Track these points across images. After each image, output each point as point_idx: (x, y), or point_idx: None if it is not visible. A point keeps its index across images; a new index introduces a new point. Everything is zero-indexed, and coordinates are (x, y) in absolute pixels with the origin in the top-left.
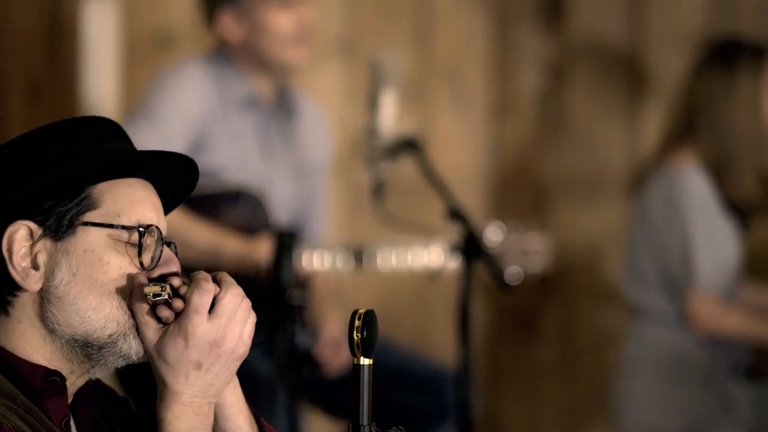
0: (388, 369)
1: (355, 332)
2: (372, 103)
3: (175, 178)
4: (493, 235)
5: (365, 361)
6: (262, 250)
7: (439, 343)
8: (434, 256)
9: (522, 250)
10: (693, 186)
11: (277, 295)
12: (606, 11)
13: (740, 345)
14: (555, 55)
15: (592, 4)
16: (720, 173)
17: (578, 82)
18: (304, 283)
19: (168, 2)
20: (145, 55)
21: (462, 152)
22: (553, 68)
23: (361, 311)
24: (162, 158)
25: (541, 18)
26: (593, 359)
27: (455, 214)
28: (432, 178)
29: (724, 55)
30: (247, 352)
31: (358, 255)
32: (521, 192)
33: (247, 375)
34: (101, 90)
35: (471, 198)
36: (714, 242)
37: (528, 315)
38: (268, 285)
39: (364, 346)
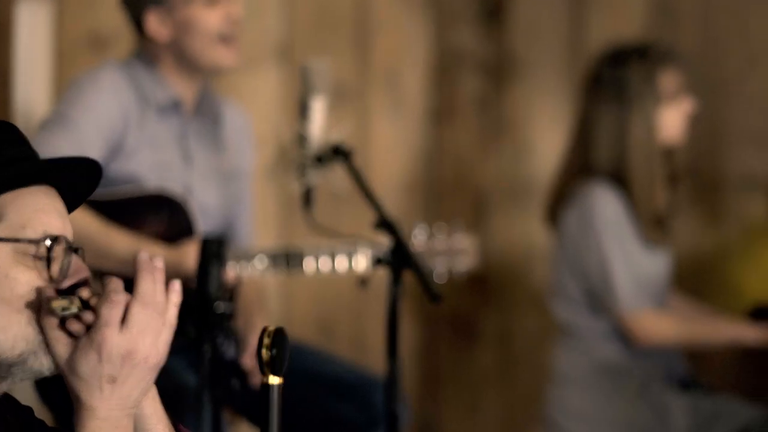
0: (318, 377)
1: (264, 350)
2: (302, 110)
3: (78, 181)
4: (419, 236)
5: (275, 380)
6: (187, 257)
7: (375, 351)
8: (363, 264)
9: (448, 251)
10: (602, 203)
11: (203, 304)
12: (546, 16)
13: (675, 354)
14: (494, 60)
15: (532, 8)
16: (624, 186)
17: (518, 87)
18: (231, 291)
19: (102, 4)
20: (79, 58)
21: (400, 158)
22: (493, 73)
23: (270, 329)
24: (66, 164)
25: (480, 22)
26: (532, 365)
27: (383, 223)
28: (361, 185)
29: (613, 78)
30: (163, 361)
31: (286, 261)
32: (460, 197)
33: (173, 385)
34: (33, 93)
35: (409, 204)
36: (629, 256)
37: (466, 321)
38: (194, 294)
39: (274, 365)
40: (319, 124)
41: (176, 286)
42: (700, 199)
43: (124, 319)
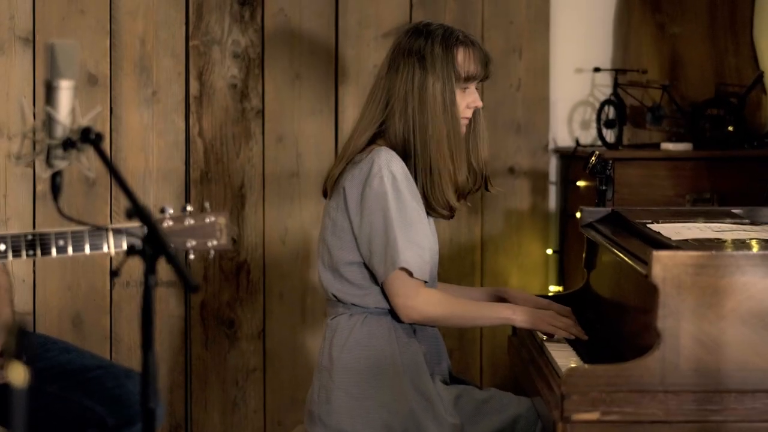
0: (69, 374)
1: (6, 347)
2: (48, 93)
3: None
4: (169, 220)
5: (18, 377)
6: None
7: (130, 345)
8: (114, 253)
9: (200, 231)
10: (392, 163)
11: None
12: (303, 0)
13: (441, 349)
14: (252, 46)
15: None
16: (417, 172)
17: (277, 74)
18: None
19: None
20: None
21: (157, 146)
22: (250, 60)
23: (12, 324)
24: None
25: (234, 9)
26: (293, 360)
27: (134, 211)
28: (111, 171)
29: (414, 48)
30: None
31: (29, 245)
32: (220, 186)
33: None
34: None
35: (168, 193)
36: (409, 222)
37: (229, 314)
38: None
39: (17, 360)
40: (66, 108)
41: None
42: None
43: None
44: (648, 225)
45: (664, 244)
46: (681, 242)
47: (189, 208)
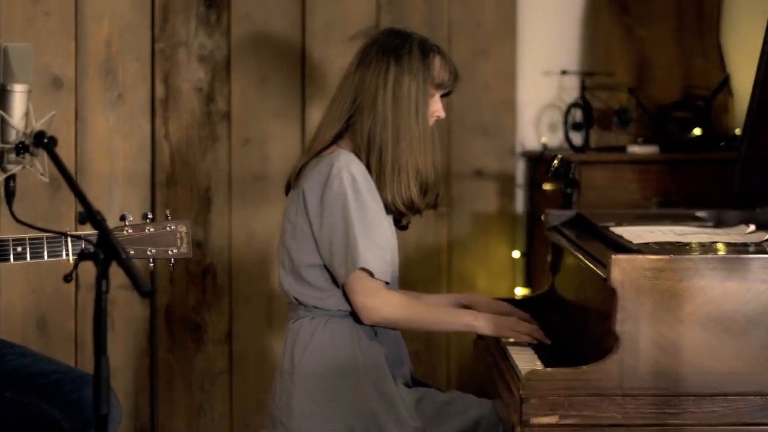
0: (25, 378)
1: None
2: (1, 98)
3: None
4: (129, 228)
5: None
6: None
7: (92, 351)
8: (69, 257)
9: (161, 239)
10: (351, 165)
11: None
12: (269, 4)
13: (401, 352)
14: (218, 49)
15: None
16: (379, 174)
17: (243, 76)
18: None
19: None
20: None
21: (122, 150)
22: (216, 62)
23: None
24: None
25: (202, 10)
26: (259, 364)
27: (86, 216)
28: (64, 175)
29: (391, 47)
30: None
31: None
32: (186, 189)
33: None
34: None
35: (134, 196)
36: (369, 224)
37: (195, 319)
38: None
39: None
40: (20, 112)
41: None
42: None
43: None
44: (611, 228)
45: (624, 247)
46: (641, 246)
47: (149, 216)
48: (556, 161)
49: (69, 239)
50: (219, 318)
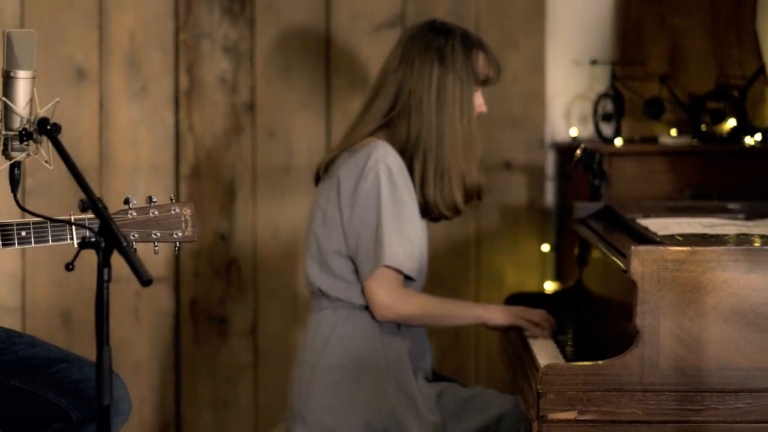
0: (34, 368)
1: None
2: (4, 82)
3: None
4: (133, 211)
5: None
6: None
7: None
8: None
9: (165, 223)
10: (389, 157)
11: None
12: None
13: (423, 345)
14: (242, 40)
15: None
16: (422, 177)
17: (267, 67)
18: None
19: None
20: None
21: (147, 141)
22: (240, 53)
23: None
24: None
25: (225, 1)
26: (284, 358)
27: (88, 203)
28: (67, 163)
29: (434, 45)
30: None
31: None
32: (210, 182)
33: None
34: None
35: (158, 188)
36: (402, 218)
37: (219, 311)
38: None
39: None
40: (24, 99)
41: None
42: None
43: None
44: (638, 220)
45: (647, 239)
46: (665, 237)
47: (154, 199)
48: (579, 150)
49: (73, 227)
50: (243, 311)
